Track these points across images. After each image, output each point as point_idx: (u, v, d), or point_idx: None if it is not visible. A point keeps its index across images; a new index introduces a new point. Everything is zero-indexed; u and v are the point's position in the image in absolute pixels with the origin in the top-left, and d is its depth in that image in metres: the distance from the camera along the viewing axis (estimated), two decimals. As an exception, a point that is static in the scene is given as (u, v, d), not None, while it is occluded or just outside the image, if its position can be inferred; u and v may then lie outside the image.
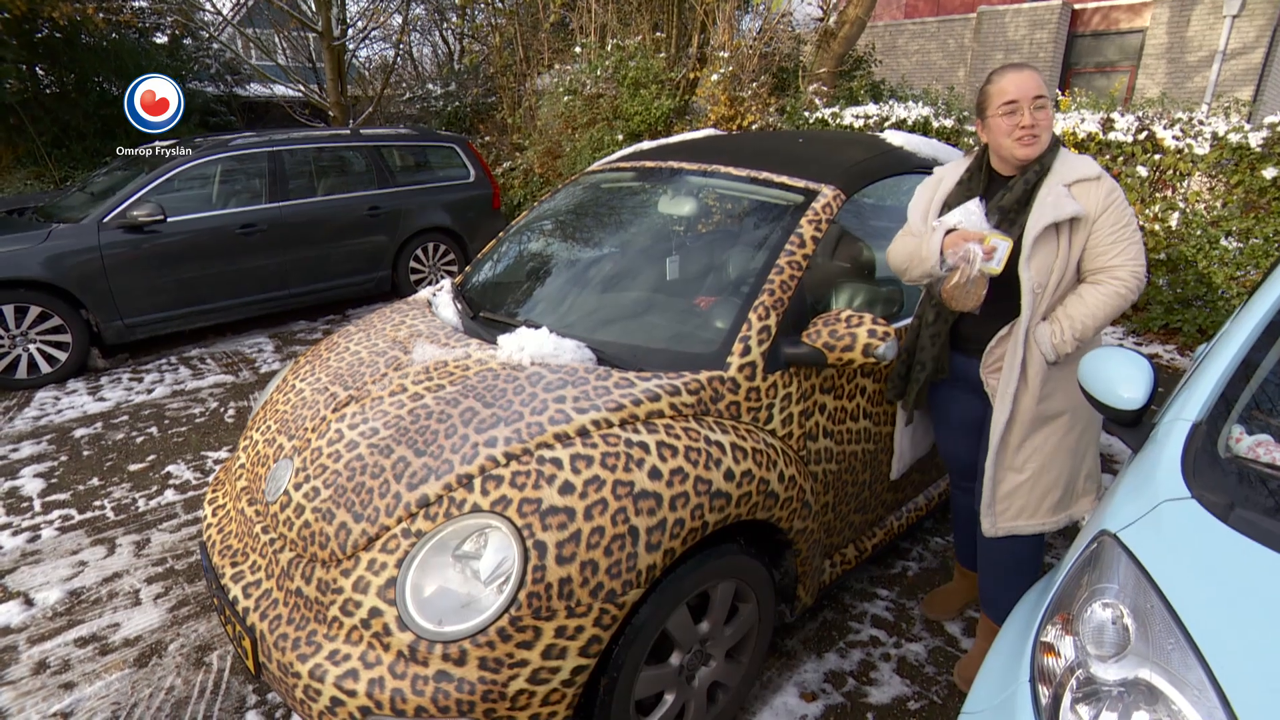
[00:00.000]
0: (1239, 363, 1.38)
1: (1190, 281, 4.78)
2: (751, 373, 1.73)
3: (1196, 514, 1.13)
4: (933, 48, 12.14)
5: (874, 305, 2.36)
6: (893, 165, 2.29)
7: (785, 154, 2.36)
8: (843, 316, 1.77)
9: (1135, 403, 1.36)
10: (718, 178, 2.24)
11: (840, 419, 1.93)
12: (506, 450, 1.46)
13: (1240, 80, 10.06)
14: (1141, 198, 4.87)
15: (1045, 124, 1.63)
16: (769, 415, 1.75)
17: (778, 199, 2.11)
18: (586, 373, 1.66)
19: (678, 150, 2.55)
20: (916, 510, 2.38)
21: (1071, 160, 1.69)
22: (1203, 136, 4.83)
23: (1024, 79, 1.63)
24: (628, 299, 2.11)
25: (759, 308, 1.78)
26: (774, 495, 1.66)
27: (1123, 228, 1.63)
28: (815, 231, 1.92)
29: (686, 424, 1.58)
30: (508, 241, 2.60)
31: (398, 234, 5.60)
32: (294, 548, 1.47)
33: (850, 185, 2.07)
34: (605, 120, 6.97)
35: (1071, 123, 5.02)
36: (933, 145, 2.50)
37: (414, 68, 13.24)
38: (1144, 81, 10.63)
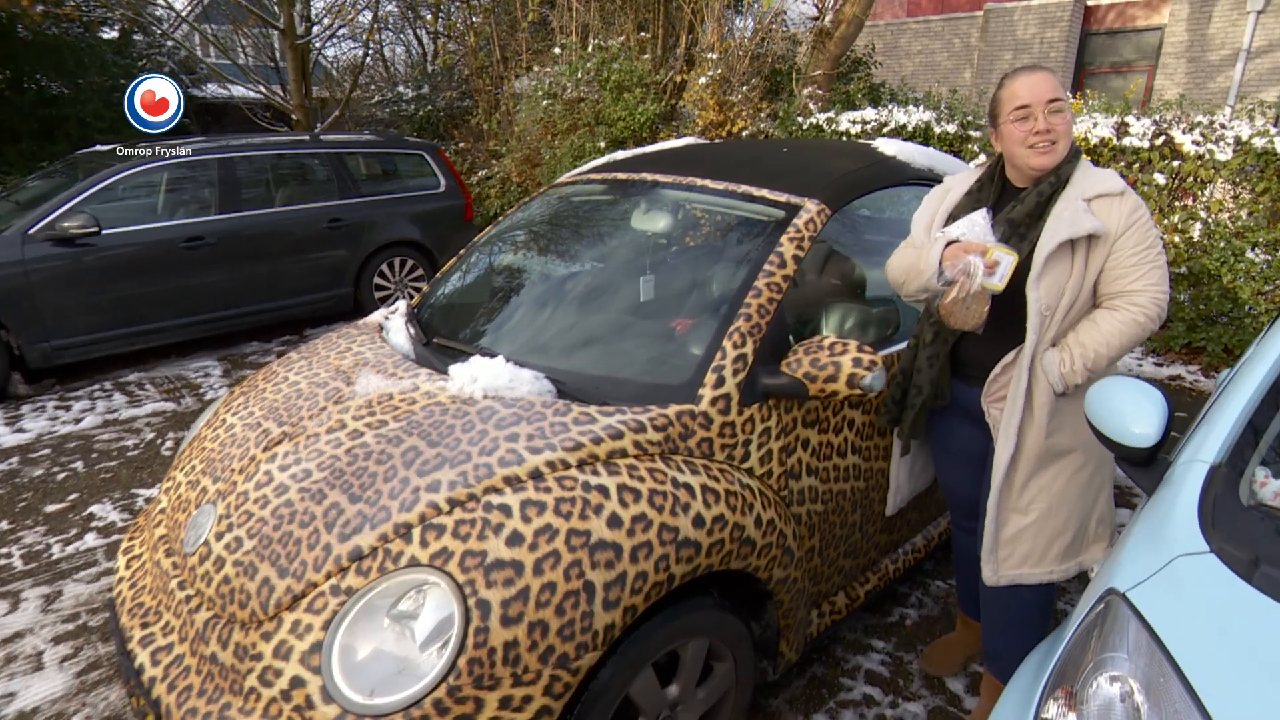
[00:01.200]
0: (1263, 395, 1.35)
1: (1214, 297, 4.81)
2: (726, 406, 1.70)
3: (1216, 571, 1.09)
4: (937, 47, 12.34)
5: (866, 327, 2.35)
6: (884, 177, 2.29)
7: (767, 165, 2.36)
8: (825, 344, 1.76)
9: (1148, 439, 1.33)
10: (694, 191, 2.24)
11: (826, 455, 1.91)
12: (450, 496, 1.43)
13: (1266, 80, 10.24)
14: (1160, 207, 4.92)
15: (1062, 129, 1.63)
16: (745, 453, 1.72)
17: (757, 214, 2.10)
18: (544, 407, 1.64)
19: (653, 161, 2.56)
20: (914, 552, 2.35)
21: (1093, 173, 1.67)
22: (1225, 141, 4.89)
23: (1037, 81, 1.63)
24: (595, 324, 2.10)
25: (734, 334, 1.76)
26: (750, 542, 1.62)
27: (1146, 249, 1.61)
28: (797, 250, 1.92)
29: (652, 464, 1.55)
30: (468, 259, 2.59)
31: (361, 248, 5.60)
32: (211, 606, 1.43)
33: (836, 199, 2.07)
34: (587, 126, 7.02)
35: (1084, 127, 5.08)
36: (929, 155, 2.51)
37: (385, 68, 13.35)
38: (1162, 82, 10.81)
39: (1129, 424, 1.35)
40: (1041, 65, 1.70)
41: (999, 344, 1.71)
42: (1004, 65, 11.63)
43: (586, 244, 2.51)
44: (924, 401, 1.85)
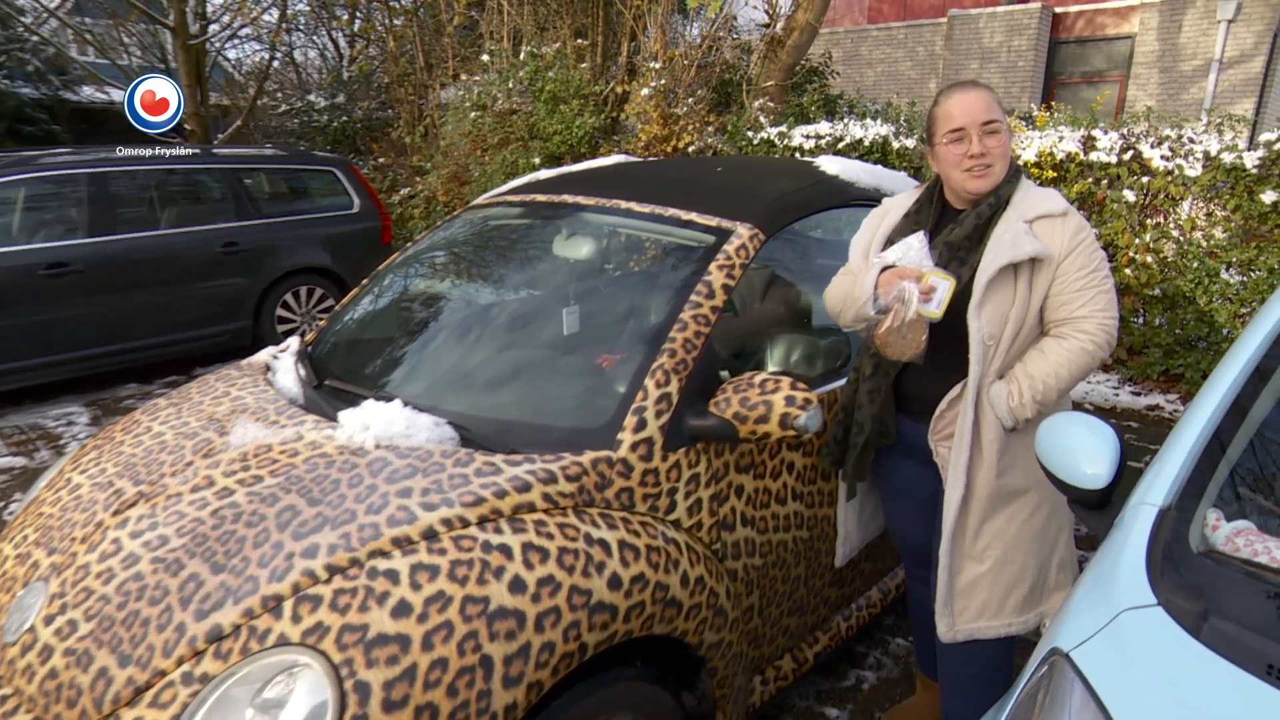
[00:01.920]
0: (1213, 431, 1.41)
1: (1190, 320, 5.08)
2: (648, 451, 1.73)
3: (1163, 626, 1.13)
4: (900, 56, 12.90)
5: (814, 359, 2.41)
6: (823, 198, 2.38)
7: (699, 187, 2.43)
8: (756, 381, 1.80)
9: (1099, 480, 1.38)
10: (619, 215, 2.29)
11: (763, 503, 1.94)
12: (330, 562, 1.41)
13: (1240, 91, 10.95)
14: (1130, 226, 5.19)
15: (999, 152, 1.71)
16: (671, 503, 1.74)
17: (685, 240, 2.16)
18: (443, 457, 1.64)
19: (577, 182, 2.61)
20: (870, 607, 2.39)
21: (1034, 193, 1.76)
22: (1194, 156, 5.21)
23: (970, 101, 1.71)
24: (508, 362, 2.11)
25: (657, 372, 1.79)
26: (676, 603, 1.64)
27: (1091, 273, 1.70)
28: (727, 279, 1.97)
29: (563, 519, 1.56)
30: (371, 290, 2.58)
31: (261, 276, 5.53)
32: (32, 708, 1.36)
33: (770, 223, 2.14)
34: (520, 140, 7.11)
35: (1049, 141, 5.36)
36: (875, 173, 2.63)
37: (296, 74, 13.30)
38: (1135, 93, 11.49)
39: (1079, 463, 1.40)
40: (978, 82, 1.79)
41: (944, 377, 1.78)
42: (970, 75, 12.21)
43: (503, 272, 2.54)
44: (867, 440, 1.90)
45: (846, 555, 2.17)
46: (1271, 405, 1.49)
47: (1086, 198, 5.34)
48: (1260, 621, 1.10)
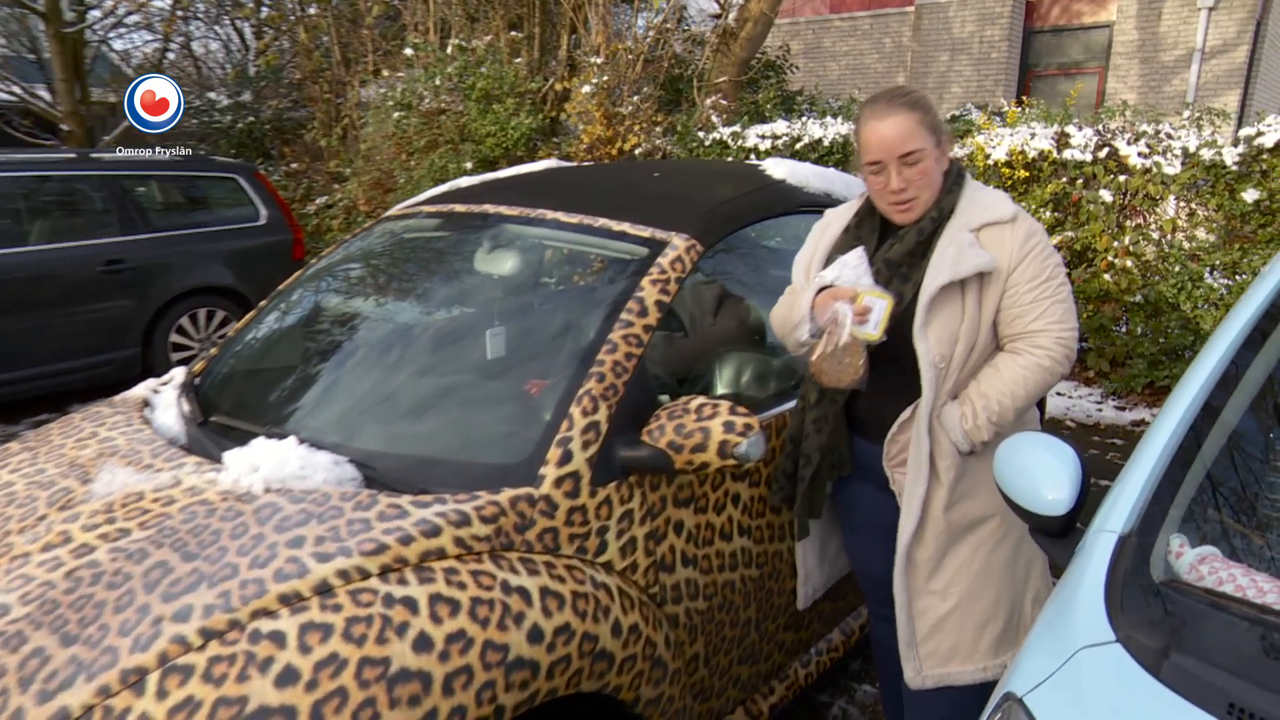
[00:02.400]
0: (1176, 450, 1.45)
1: (1174, 328, 5.28)
2: (574, 487, 1.74)
3: (1121, 665, 1.16)
4: (866, 48, 13.26)
5: (766, 380, 2.45)
6: (768, 205, 2.43)
7: (631, 194, 2.47)
8: (692, 406, 1.83)
9: (1060, 506, 1.42)
10: (544, 226, 2.31)
11: (706, 540, 1.96)
12: (205, 625, 1.38)
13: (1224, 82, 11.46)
14: (1108, 228, 5.39)
15: (922, 183, 1.73)
16: (601, 543, 1.75)
17: (616, 253, 2.19)
18: (342, 501, 1.63)
19: (500, 190, 2.63)
20: (831, 651, 2.41)
21: (981, 198, 1.81)
22: (1172, 153, 5.44)
23: (886, 130, 1.71)
24: (421, 390, 2.11)
25: (584, 398, 1.81)
26: (607, 655, 1.64)
27: (1044, 282, 1.74)
28: (661, 295, 2.00)
29: (478, 566, 1.56)
30: (268, 312, 2.56)
31: (151, 297, 5.44)
32: None
33: (708, 234, 2.18)
34: (449, 143, 7.12)
35: (1020, 139, 5.55)
36: (825, 177, 2.69)
37: (195, 68, 13.10)
38: (1115, 85, 11.95)
39: (1039, 488, 1.44)
40: (896, 99, 1.76)
41: (897, 398, 1.82)
42: (940, 68, 12.59)
43: (417, 291, 2.53)
44: (816, 473, 1.94)
45: (808, 597, 2.20)
46: (1236, 422, 1.56)
47: (1061, 199, 5.54)
48: (1223, 657, 1.14)
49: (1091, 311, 5.44)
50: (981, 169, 5.72)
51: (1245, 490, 1.52)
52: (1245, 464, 1.56)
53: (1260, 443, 1.60)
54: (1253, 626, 1.17)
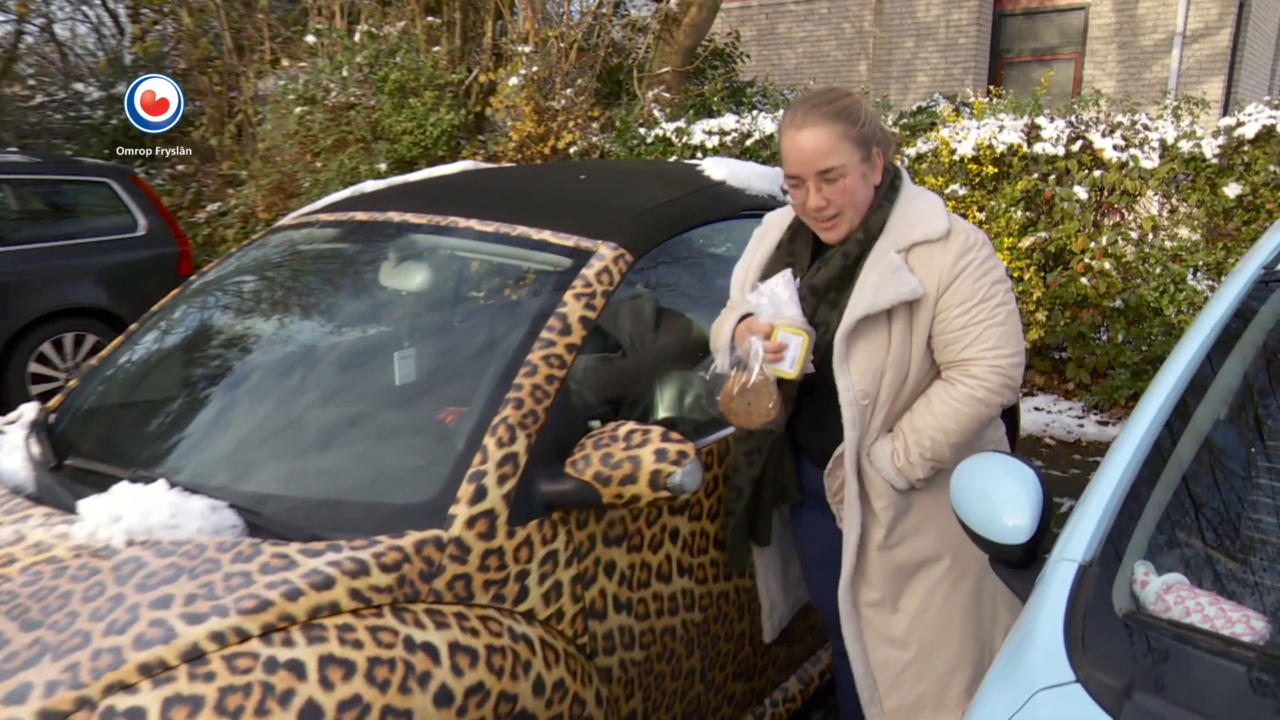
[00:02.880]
0: (1139, 470, 1.50)
1: (1158, 335, 5.47)
2: (489, 527, 1.74)
3: (1081, 707, 1.18)
4: (824, 34, 13.54)
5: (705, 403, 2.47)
6: (706, 209, 2.47)
7: (554, 198, 2.49)
8: (621, 433, 1.84)
9: (1020, 533, 1.45)
10: (457, 235, 2.32)
11: (641, 581, 1.97)
12: (46, 707, 1.34)
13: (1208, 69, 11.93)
14: (1084, 227, 5.57)
15: (843, 201, 1.75)
16: (521, 590, 1.75)
17: (536, 264, 2.20)
18: (219, 552, 1.60)
19: (408, 196, 2.63)
20: (789, 702, 2.44)
21: (912, 210, 1.81)
22: (1149, 145, 5.65)
23: (804, 142, 1.72)
24: (317, 422, 2.09)
25: (499, 428, 1.81)
26: (528, 717, 1.64)
27: (976, 304, 1.75)
28: (586, 310, 2.02)
29: (377, 621, 1.55)
30: (142, 336, 2.51)
31: (6, 320, 5.32)
32: None
33: (640, 242, 2.21)
34: (360, 142, 7.08)
35: (988, 133, 5.72)
36: (771, 177, 2.74)
37: (60, 55, 12.78)
38: (1092, 71, 12.37)
39: (998, 514, 1.48)
40: (817, 108, 1.75)
41: (834, 430, 1.86)
42: (905, 55, 12.91)
43: (313, 310, 2.52)
44: (745, 507, 1.99)
45: (775, 629, 2.23)
46: (1207, 434, 1.61)
47: (1033, 196, 5.71)
48: (1187, 695, 1.18)
49: (1069, 318, 5.60)
50: (947, 166, 5.87)
51: (1222, 510, 1.57)
52: (1220, 480, 1.61)
53: (1239, 456, 1.66)
54: (1219, 661, 1.21)
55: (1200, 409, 1.63)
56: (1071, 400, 5.79)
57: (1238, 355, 1.73)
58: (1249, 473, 1.58)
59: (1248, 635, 1.24)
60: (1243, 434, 1.70)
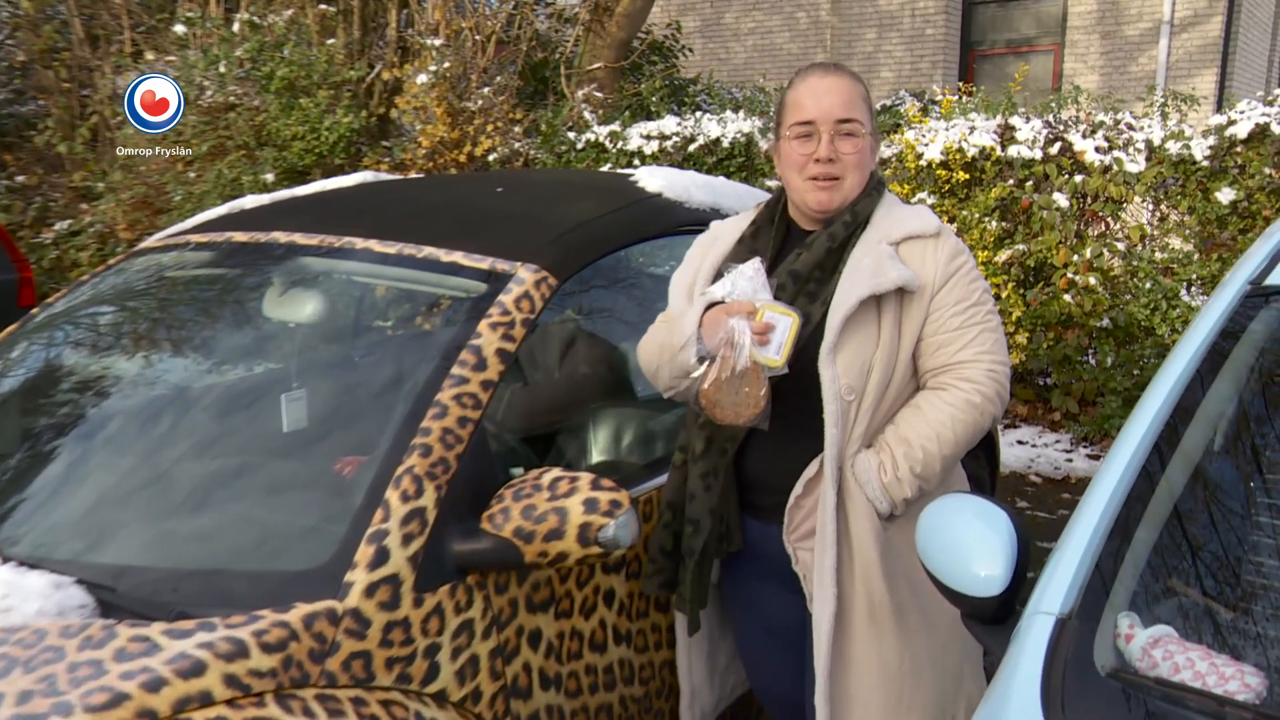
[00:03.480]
0: (1119, 511, 1.54)
1: (1150, 357, 5.64)
2: (392, 595, 1.72)
3: None
4: (775, 24, 13.81)
5: (648, 442, 2.49)
6: (639, 225, 2.51)
7: (467, 214, 2.50)
8: (545, 481, 1.85)
9: (993, 584, 1.48)
10: (353, 257, 2.32)
11: (572, 652, 1.97)
12: None
13: (1198, 61, 12.38)
14: (1065, 238, 5.74)
15: (853, 160, 1.88)
16: (430, 667, 1.74)
17: (446, 289, 2.21)
18: (64, 638, 1.56)
19: (296, 212, 2.62)
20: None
21: (900, 210, 1.95)
22: (1134, 147, 5.85)
23: (828, 88, 1.88)
24: (188, 477, 2.06)
25: (404, 479, 1.80)
26: (440, 817, 1.62)
27: (973, 306, 1.87)
28: (504, 341, 2.03)
29: (258, 713, 1.52)
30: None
31: None
32: None
33: (564, 263, 2.23)
34: (243, 149, 7.01)
35: (957, 134, 5.88)
36: (714, 188, 2.80)
37: None
38: (1073, 64, 12.79)
39: (970, 563, 1.51)
40: (843, 67, 1.97)
41: (797, 454, 1.89)
42: (867, 48, 13.23)
43: (185, 345, 2.49)
44: (704, 544, 1.98)
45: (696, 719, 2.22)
46: (1192, 471, 1.66)
47: (1009, 205, 5.87)
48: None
49: (1053, 340, 5.74)
50: (913, 172, 6.01)
51: (1217, 553, 1.61)
52: (1214, 519, 1.66)
53: (1235, 491, 1.71)
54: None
55: (1189, 438, 1.68)
56: (1058, 432, 5.94)
57: (1229, 377, 1.79)
58: (1246, 510, 1.63)
59: (1243, 694, 1.28)
60: (1238, 465, 1.75)
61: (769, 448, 1.93)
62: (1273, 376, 1.87)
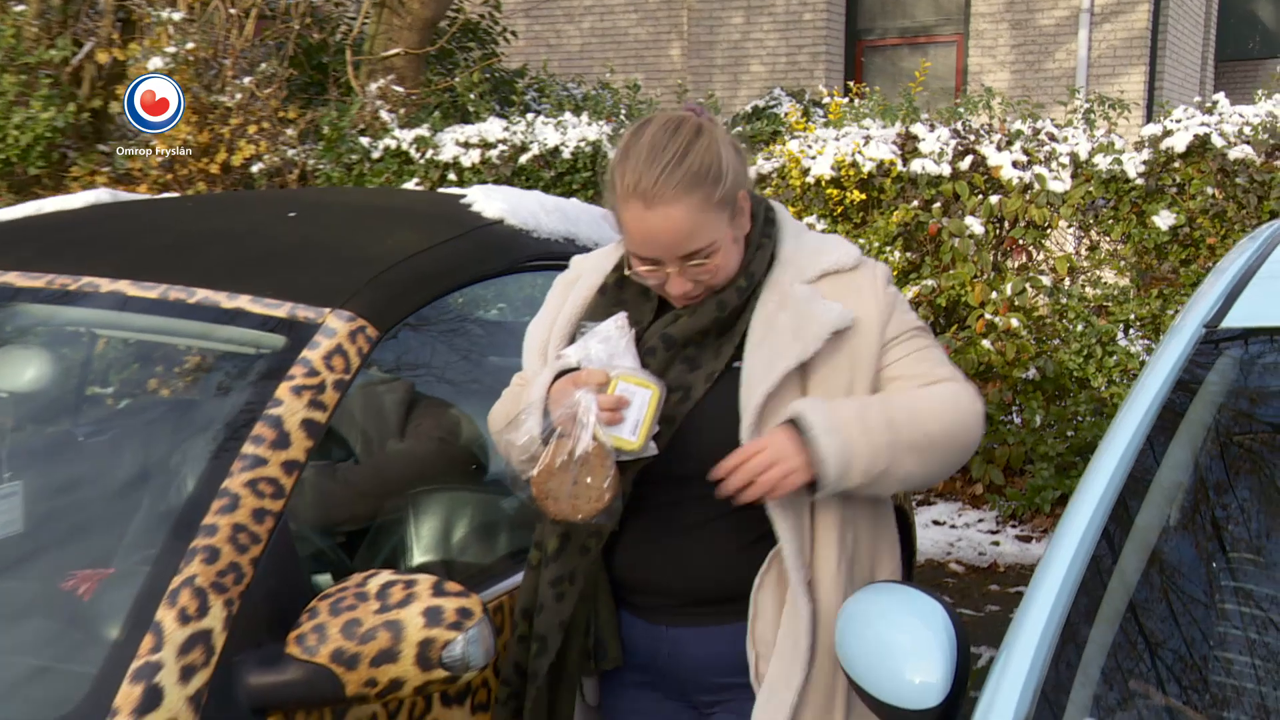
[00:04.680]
0: (1071, 601, 1.62)
1: (1085, 414, 5.92)
2: (168, 749, 1.70)
3: None
4: (619, 4, 14.04)
5: (494, 535, 2.51)
6: (477, 261, 2.55)
7: (250, 247, 2.50)
8: (371, 589, 1.85)
9: (930, 695, 1.57)
10: (96, 304, 2.28)
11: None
12: None
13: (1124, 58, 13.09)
14: (982, 271, 6.01)
15: (717, 277, 1.90)
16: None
17: (229, 344, 2.20)
18: None
19: (10, 245, 2.56)
20: None
21: (810, 241, 2.02)
22: (1058, 161, 6.16)
23: (656, 228, 1.82)
24: None
25: (181, 594, 1.78)
26: None
27: (923, 331, 1.99)
28: (312, 410, 2.03)
29: None
30: None
31: None
32: None
33: (387, 309, 2.26)
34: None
35: (850, 145, 6.13)
36: (565, 212, 2.86)
37: None
38: (979, 59, 13.41)
39: (901, 667, 1.60)
40: (674, 172, 1.81)
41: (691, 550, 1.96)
42: (732, 36, 13.58)
43: None
44: (561, 666, 2.02)
45: None
46: (1149, 555, 1.78)
47: (914, 231, 6.12)
48: None
49: (971, 396, 5.95)
50: (799, 190, 6.23)
51: (1180, 650, 1.73)
52: (1176, 610, 1.78)
53: (1196, 575, 1.84)
54: None
55: (1143, 515, 1.79)
56: (981, 508, 6.17)
57: (1184, 440, 1.92)
58: (1210, 597, 1.74)
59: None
60: (1199, 544, 1.87)
61: (645, 544, 1.99)
62: (1231, 437, 2.02)
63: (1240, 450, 2.03)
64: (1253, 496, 1.92)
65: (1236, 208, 6.04)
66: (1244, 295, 2.19)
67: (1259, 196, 6.00)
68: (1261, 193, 6.00)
